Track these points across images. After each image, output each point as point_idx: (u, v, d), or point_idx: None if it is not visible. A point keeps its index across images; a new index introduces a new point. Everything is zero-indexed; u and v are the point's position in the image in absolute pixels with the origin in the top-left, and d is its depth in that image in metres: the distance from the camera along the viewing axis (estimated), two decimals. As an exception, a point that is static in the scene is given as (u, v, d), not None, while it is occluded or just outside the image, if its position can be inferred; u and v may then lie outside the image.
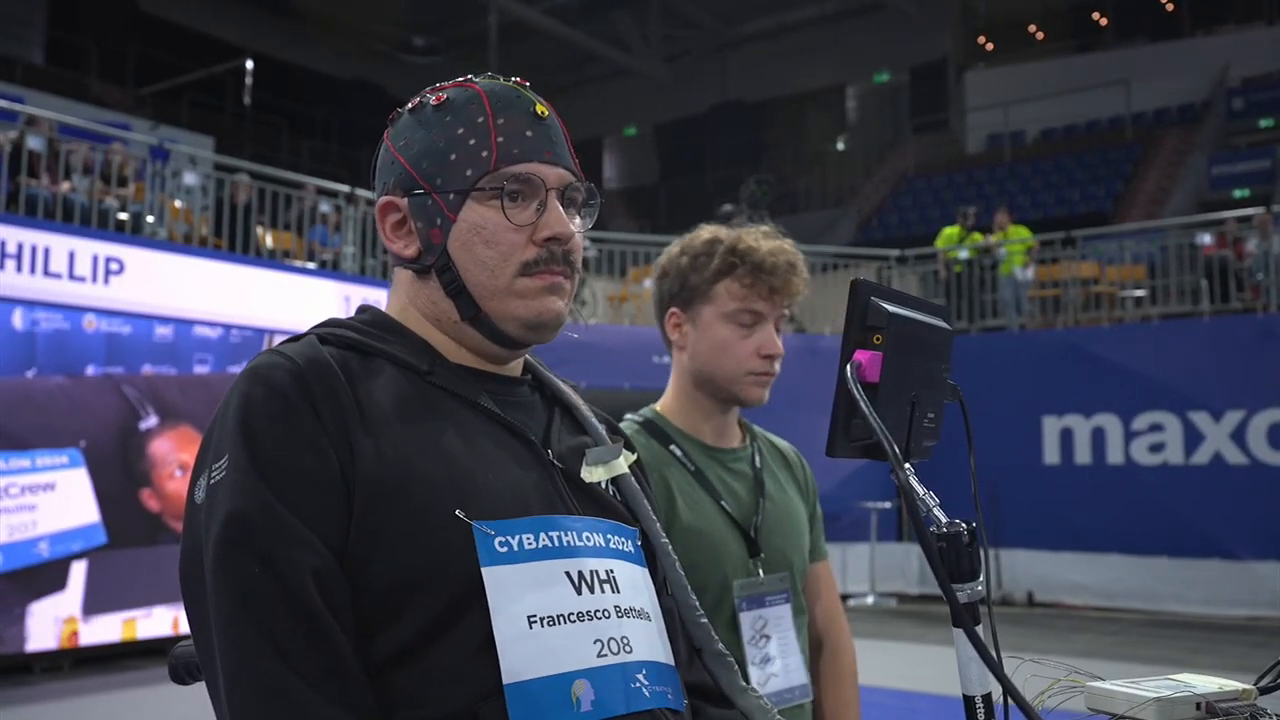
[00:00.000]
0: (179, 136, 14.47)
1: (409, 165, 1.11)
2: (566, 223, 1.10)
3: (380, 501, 0.97)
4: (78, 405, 6.90)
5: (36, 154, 8.20)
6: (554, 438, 1.14)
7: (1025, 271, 11.97)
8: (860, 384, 0.92)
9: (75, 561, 6.81)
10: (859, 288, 0.95)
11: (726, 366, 1.78)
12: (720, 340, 1.77)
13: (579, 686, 0.97)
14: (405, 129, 1.13)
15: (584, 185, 1.14)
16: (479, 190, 1.08)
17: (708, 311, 1.79)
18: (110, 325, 7.13)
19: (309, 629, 0.91)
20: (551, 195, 1.10)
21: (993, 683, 0.98)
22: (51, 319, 6.86)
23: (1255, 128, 18.73)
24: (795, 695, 1.76)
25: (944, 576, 0.83)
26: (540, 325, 1.10)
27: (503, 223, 1.08)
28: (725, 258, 1.78)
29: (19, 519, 6.60)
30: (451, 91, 1.13)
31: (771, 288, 1.76)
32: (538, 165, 1.09)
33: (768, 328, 1.78)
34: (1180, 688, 1.05)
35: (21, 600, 6.58)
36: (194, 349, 7.56)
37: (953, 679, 0.98)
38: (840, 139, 24.50)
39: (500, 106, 1.10)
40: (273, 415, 0.98)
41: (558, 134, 1.13)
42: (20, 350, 6.70)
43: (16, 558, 6.57)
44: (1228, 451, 9.61)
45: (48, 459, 6.74)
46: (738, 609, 1.73)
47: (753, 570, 1.76)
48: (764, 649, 1.74)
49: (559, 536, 1.03)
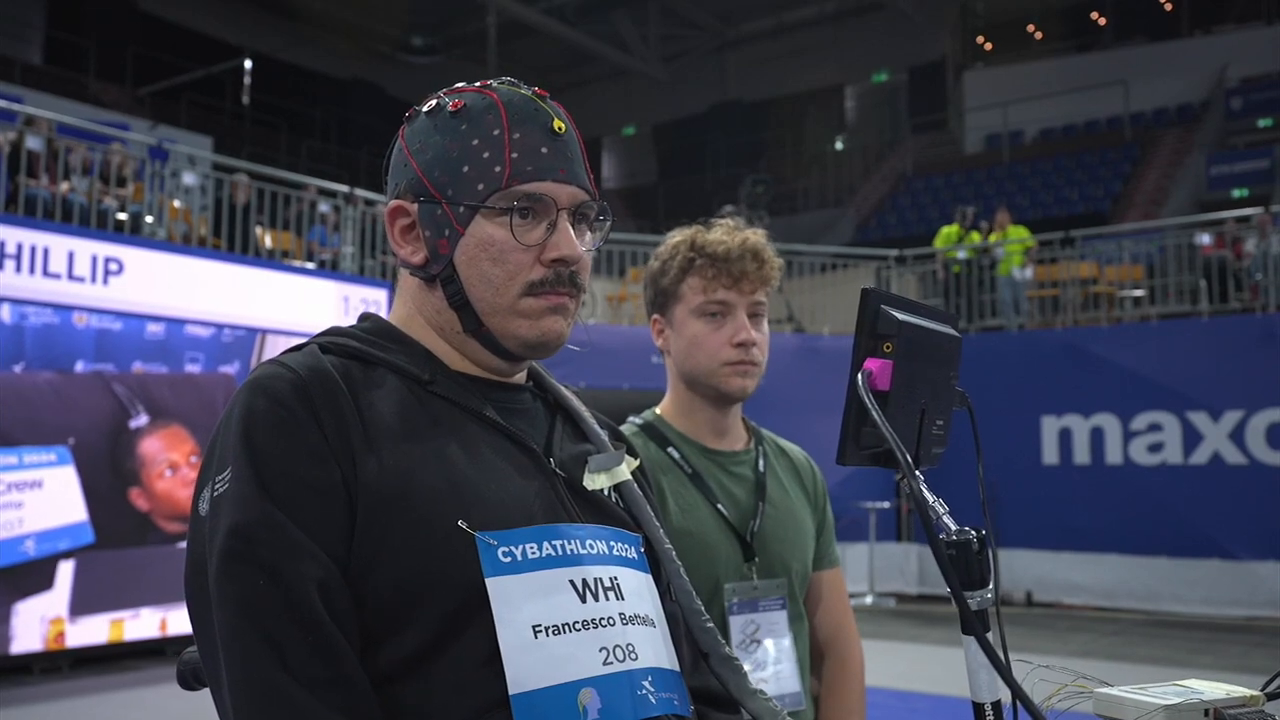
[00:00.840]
0: (178, 136, 14.46)
1: (421, 171, 1.10)
2: (575, 245, 1.09)
3: (383, 512, 0.97)
4: (67, 402, 6.82)
5: (35, 154, 8.19)
6: (556, 445, 1.14)
7: (1024, 271, 11.97)
8: (871, 392, 0.92)
9: (63, 561, 6.74)
10: (869, 296, 0.95)
11: (702, 361, 1.78)
12: (693, 336, 1.79)
13: (585, 695, 0.97)
14: (420, 132, 1.12)
15: (597, 203, 1.13)
16: (489, 207, 1.07)
17: (679, 310, 1.81)
18: (101, 321, 7.07)
19: (313, 640, 0.92)
20: (562, 215, 1.09)
21: (1002, 689, 0.98)
22: (41, 313, 6.78)
23: (1254, 128, 18.74)
24: (785, 703, 1.74)
25: (956, 585, 0.83)
26: (541, 345, 1.10)
27: (511, 241, 1.07)
28: (685, 255, 1.80)
29: (5, 516, 6.52)
30: (469, 97, 1.11)
31: (732, 276, 1.76)
32: (550, 184, 1.08)
33: (739, 316, 1.78)
34: (1188, 694, 1.05)
35: (7, 600, 6.50)
36: (185, 347, 7.50)
37: (952, 679, 0.99)
38: (839, 139, 24.49)
39: (517, 120, 1.09)
40: (275, 427, 0.98)
41: (574, 150, 1.12)
42: (8, 345, 6.62)
43: (2, 556, 6.49)
44: (1226, 451, 9.62)
45: (35, 456, 6.66)
46: (728, 612, 1.72)
47: (747, 574, 1.76)
48: (754, 654, 1.73)
49: (562, 545, 1.03)
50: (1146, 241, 12.40)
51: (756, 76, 24.21)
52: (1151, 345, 10.28)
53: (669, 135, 25.96)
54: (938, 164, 21.32)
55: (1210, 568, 9.54)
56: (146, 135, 11.33)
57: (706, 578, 1.71)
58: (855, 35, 22.83)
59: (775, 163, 23.19)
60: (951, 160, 21.35)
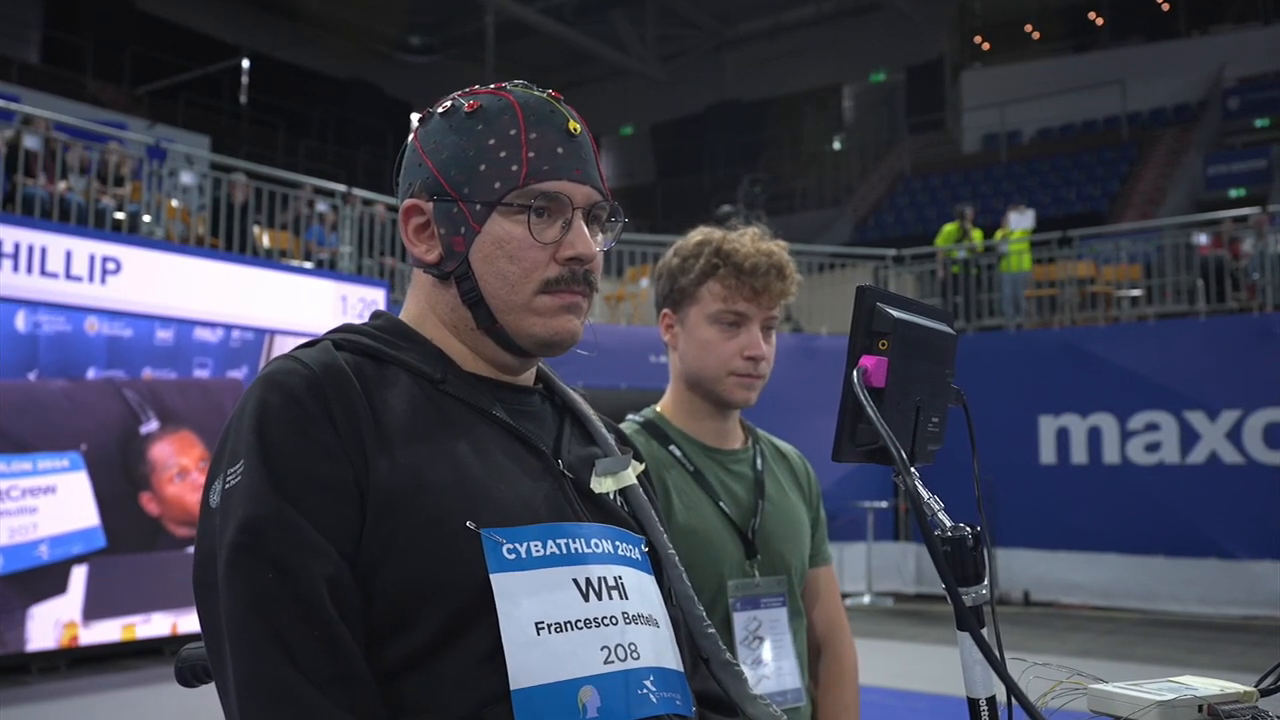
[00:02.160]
0: (175, 136, 14.45)
1: (437, 170, 1.10)
2: (590, 243, 1.10)
3: (393, 510, 0.98)
4: (79, 408, 6.89)
5: (33, 153, 8.19)
6: (564, 448, 1.15)
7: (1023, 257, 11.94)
8: (866, 389, 0.92)
9: (76, 566, 6.80)
10: (865, 294, 0.95)
11: (710, 367, 1.79)
12: (704, 341, 1.79)
13: (585, 693, 0.98)
14: (435, 132, 1.12)
15: (609, 204, 1.14)
16: (506, 205, 1.08)
17: (694, 312, 1.80)
18: (111, 328, 7.12)
19: (321, 635, 0.92)
20: (577, 214, 1.10)
21: (996, 685, 0.98)
22: (54, 321, 6.85)
23: (1251, 127, 18.76)
24: (787, 699, 1.76)
25: (951, 580, 0.84)
26: (555, 344, 1.11)
27: (527, 239, 1.08)
28: (709, 259, 1.79)
29: (20, 521, 6.59)
30: (485, 99, 1.12)
31: (754, 289, 1.77)
32: (566, 183, 1.09)
33: (753, 329, 1.78)
34: (1182, 690, 1.05)
35: (22, 603, 6.56)
36: (194, 353, 7.55)
37: (949, 678, 0.99)
38: (837, 139, 24.50)
39: (533, 120, 1.10)
40: (288, 421, 0.98)
41: (588, 151, 1.13)
42: (23, 352, 6.70)
43: (17, 560, 6.56)
44: (1224, 451, 9.63)
45: (49, 462, 6.73)
46: (731, 609, 1.73)
47: (749, 572, 1.77)
48: (756, 650, 1.74)
49: (567, 544, 1.04)
50: (1144, 241, 12.41)
51: (754, 76, 24.21)
52: (1149, 345, 10.29)
53: (667, 135, 25.96)
54: (935, 164, 21.33)
55: (1208, 567, 9.55)
56: (144, 135, 11.32)
57: (711, 575, 1.72)
58: (853, 35, 22.84)
59: (773, 162, 23.20)
60: (949, 160, 21.36)
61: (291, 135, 20.70)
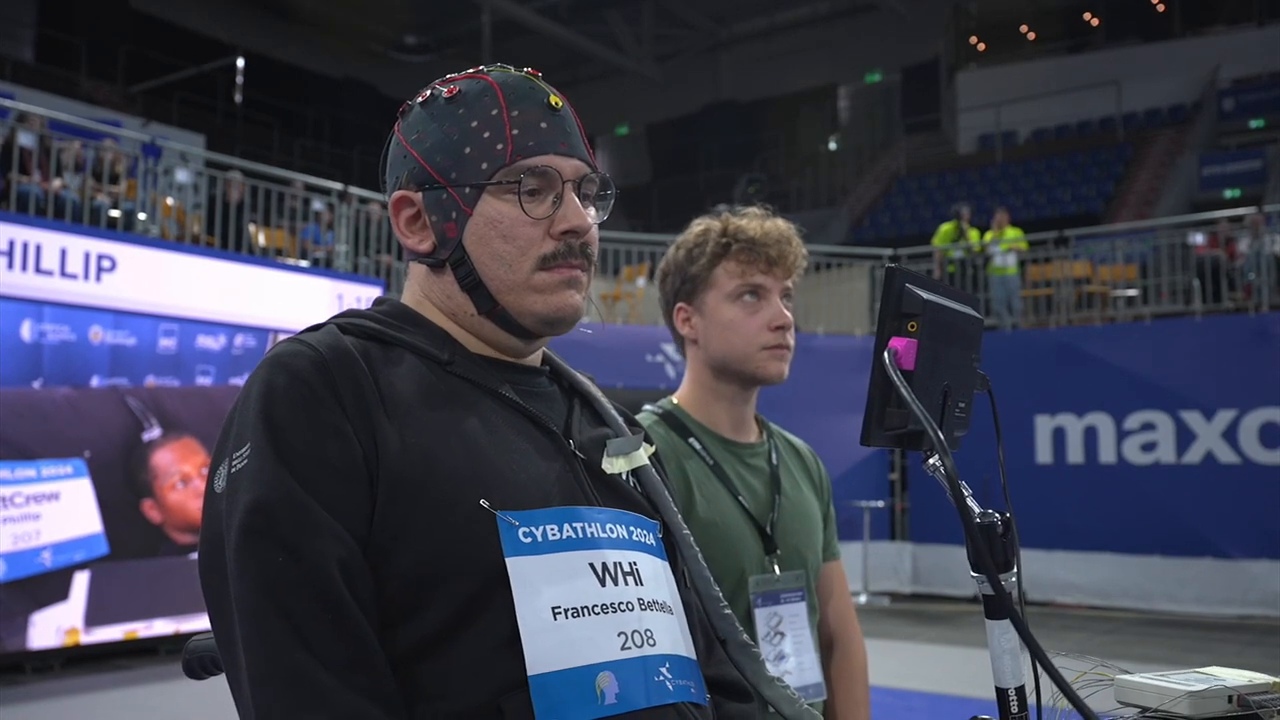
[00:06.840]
0: (170, 134, 14.38)
1: (422, 159, 1.09)
2: (584, 215, 1.09)
3: (404, 491, 0.96)
4: (83, 416, 6.90)
5: (27, 151, 8.16)
6: (575, 428, 1.13)
7: (1006, 258, 11.90)
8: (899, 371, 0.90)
9: (78, 572, 6.80)
10: (894, 275, 0.94)
11: (738, 345, 1.76)
12: (728, 321, 1.77)
13: (603, 679, 0.96)
14: (417, 122, 1.11)
15: (598, 176, 1.12)
16: (495, 184, 1.07)
17: (712, 297, 1.79)
18: (115, 337, 7.12)
19: (333, 618, 0.90)
20: (568, 188, 1.09)
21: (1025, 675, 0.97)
22: (59, 330, 6.85)
23: (1245, 128, 18.81)
24: (809, 694, 1.74)
25: (990, 566, 0.82)
26: (558, 320, 1.10)
27: (520, 216, 1.07)
28: (718, 241, 1.79)
29: (23, 528, 6.60)
30: (463, 83, 1.11)
31: (768, 259, 1.76)
32: (553, 157, 1.08)
33: (773, 300, 1.77)
34: (1211, 681, 1.04)
35: (24, 609, 6.56)
36: (196, 360, 7.55)
37: (947, 677, 0.98)
38: (832, 139, 24.52)
39: (514, 98, 1.09)
40: (295, 403, 0.96)
41: (572, 125, 1.12)
42: (27, 361, 6.70)
43: (20, 566, 6.56)
44: (1220, 451, 9.64)
45: (53, 469, 6.73)
46: (753, 605, 1.72)
47: (768, 567, 1.75)
48: (778, 646, 1.73)
49: (582, 528, 1.02)
50: (1139, 241, 12.43)
51: (750, 76, 24.22)
52: (1145, 345, 10.30)
53: (662, 135, 25.95)
54: (931, 164, 21.35)
55: (1203, 567, 9.56)
56: (138, 132, 11.28)
57: (731, 570, 1.70)
58: (848, 35, 22.86)
59: (769, 162, 23.22)
60: (945, 160, 21.38)
61: (286, 134, 20.65)
